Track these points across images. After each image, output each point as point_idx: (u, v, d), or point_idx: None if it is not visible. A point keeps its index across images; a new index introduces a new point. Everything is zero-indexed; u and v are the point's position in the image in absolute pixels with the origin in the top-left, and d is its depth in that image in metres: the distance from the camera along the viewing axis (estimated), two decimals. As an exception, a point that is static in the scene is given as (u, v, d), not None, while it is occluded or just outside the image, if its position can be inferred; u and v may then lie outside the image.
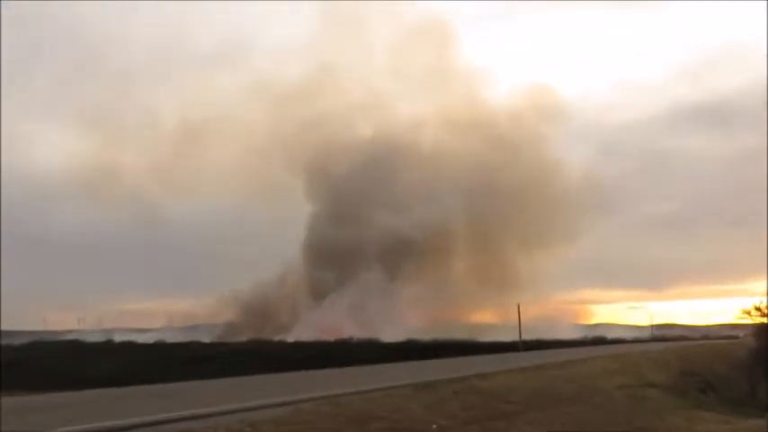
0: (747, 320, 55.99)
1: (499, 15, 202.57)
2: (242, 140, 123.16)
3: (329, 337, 70.08)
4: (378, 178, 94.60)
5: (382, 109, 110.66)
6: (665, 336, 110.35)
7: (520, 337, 59.92)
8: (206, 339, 78.17)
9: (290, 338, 73.42)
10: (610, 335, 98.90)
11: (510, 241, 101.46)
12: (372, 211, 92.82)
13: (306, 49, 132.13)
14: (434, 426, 10.90)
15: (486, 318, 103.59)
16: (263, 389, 15.66)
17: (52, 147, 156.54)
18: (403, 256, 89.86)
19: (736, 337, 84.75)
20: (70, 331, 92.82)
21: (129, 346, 64.43)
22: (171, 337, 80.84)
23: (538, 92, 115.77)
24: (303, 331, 76.04)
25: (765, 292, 52.62)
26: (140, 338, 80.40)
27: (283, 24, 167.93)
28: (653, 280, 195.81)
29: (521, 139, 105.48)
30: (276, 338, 74.61)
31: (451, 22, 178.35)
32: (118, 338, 78.98)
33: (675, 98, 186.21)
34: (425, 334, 74.85)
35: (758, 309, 53.00)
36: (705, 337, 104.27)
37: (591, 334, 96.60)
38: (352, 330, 74.20)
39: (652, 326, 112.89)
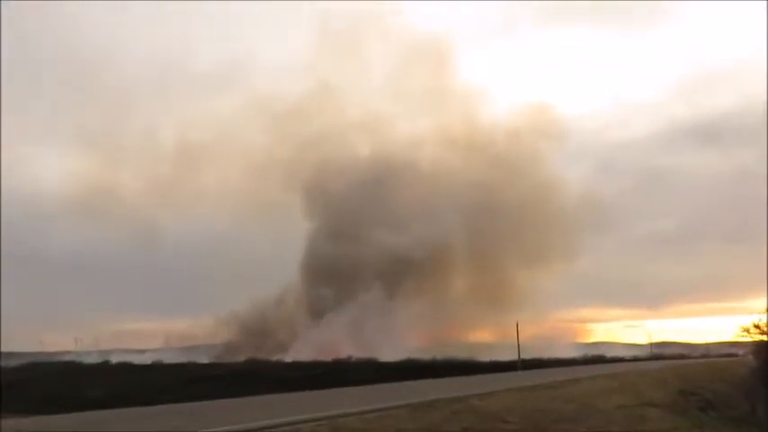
0: (746, 338, 55.92)
1: (497, 34, 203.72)
2: (240, 160, 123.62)
3: (327, 356, 69.78)
4: (376, 197, 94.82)
5: (380, 128, 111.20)
6: (663, 354, 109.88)
7: (519, 355, 59.64)
8: (204, 360, 77.85)
9: (288, 358, 73.11)
10: (608, 353, 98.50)
11: (508, 259, 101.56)
12: (371, 229, 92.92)
13: (304, 68, 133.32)
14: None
15: (485, 337, 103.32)
16: (261, 409, 15.56)
17: (50, 167, 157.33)
18: (402, 274, 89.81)
19: (736, 355, 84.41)
20: (67, 352, 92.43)
21: (126, 367, 64.10)
22: (169, 358, 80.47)
23: (536, 110, 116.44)
24: (301, 351, 75.74)
25: (765, 310, 52.59)
26: (138, 359, 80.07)
27: (282, 44, 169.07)
28: (651, 298, 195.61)
29: (519, 157, 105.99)
30: (274, 358, 74.31)
31: (449, 41, 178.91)
32: (115, 359, 78.63)
33: (672, 116, 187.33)
34: (424, 353, 74.57)
35: (757, 326, 52.82)
36: (704, 355, 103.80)
37: (590, 352, 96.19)
38: (350, 350, 73.91)
39: (651, 344, 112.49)
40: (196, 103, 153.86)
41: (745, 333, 54.21)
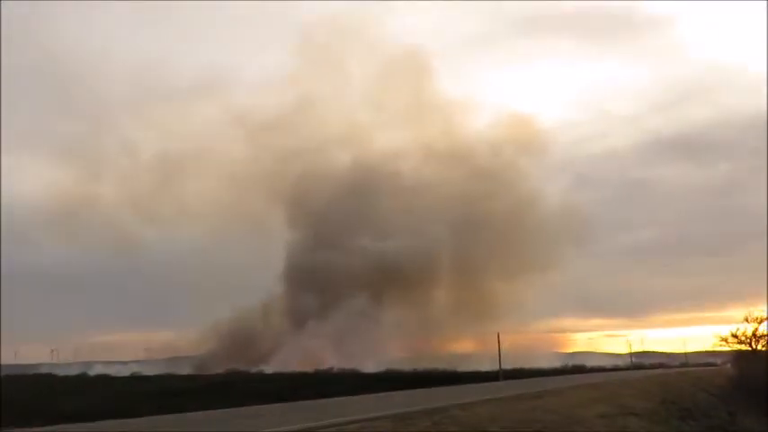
0: (725, 347, 56.36)
1: (478, 46, 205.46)
2: (221, 172, 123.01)
3: (309, 367, 69.29)
4: (358, 208, 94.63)
5: (361, 140, 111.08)
6: (643, 364, 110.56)
7: (500, 366, 59.52)
8: (184, 371, 77.01)
9: (269, 369, 72.51)
10: (589, 363, 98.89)
11: (490, 270, 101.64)
12: (352, 240, 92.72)
13: (285, 80, 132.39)
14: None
15: (466, 347, 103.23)
16: (240, 422, 15.26)
17: (28, 178, 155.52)
18: (383, 285, 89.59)
19: (715, 365, 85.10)
20: (43, 364, 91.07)
21: (105, 380, 63.13)
22: (149, 370, 79.61)
23: (517, 123, 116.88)
24: (282, 362, 75.16)
25: (743, 319, 53.04)
26: (117, 371, 79.07)
27: (262, 56, 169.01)
28: (631, 308, 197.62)
29: (500, 169, 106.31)
30: (254, 369, 73.70)
31: (430, 53, 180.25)
32: (93, 372, 77.55)
33: (651, 129, 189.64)
34: (405, 364, 74.35)
35: (735, 335, 53.39)
36: (684, 365, 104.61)
37: (570, 362, 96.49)
38: (332, 361, 73.52)
39: (631, 354, 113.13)
40: (176, 115, 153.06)
41: (724, 342, 54.77)
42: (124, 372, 77.71)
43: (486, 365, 68.40)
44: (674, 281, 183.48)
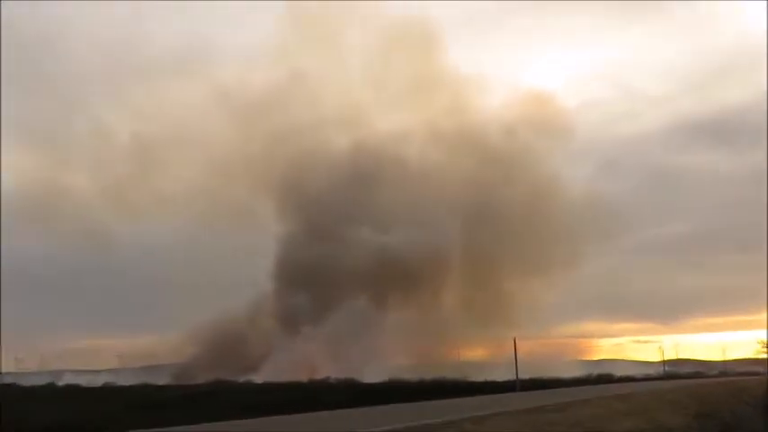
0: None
1: (491, 17, 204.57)
2: (202, 157, 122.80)
3: (303, 377, 69.50)
4: (356, 197, 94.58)
5: (360, 121, 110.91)
6: (678, 373, 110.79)
7: (516, 375, 59.75)
8: (162, 381, 77.26)
9: (259, 379, 72.73)
10: (616, 372, 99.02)
11: (504, 268, 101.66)
12: (351, 233, 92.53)
13: (273, 54, 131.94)
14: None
15: (478, 354, 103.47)
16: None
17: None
18: (385, 284, 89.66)
19: (758, 374, 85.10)
20: (7, 374, 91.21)
21: (74, 390, 63.37)
22: (124, 380, 79.83)
23: (534, 102, 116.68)
24: (273, 370, 75.36)
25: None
26: (88, 381, 79.29)
27: (248, 27, 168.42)
28: (663, 311, 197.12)
29: (516, 153, 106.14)
30: (242, 379, 73.87)
31: (437, 24, 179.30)
32: (62, 381, 77.80)
33: (684, 110, 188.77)
34: (411, 373, 74.37)
35: (780, 341, 53.38)
36: (722, 374, 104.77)
37: (595, 371, 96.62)
38: (328, 369, 73.65)
39: (664, 362, 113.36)
40: (151, 94, 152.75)
41: (766, 349, 54.78)
42: (96, 382, 77.93)
43: (501, 374, 68.57)
44: (711, 280, 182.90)
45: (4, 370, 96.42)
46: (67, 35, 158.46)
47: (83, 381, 79.20)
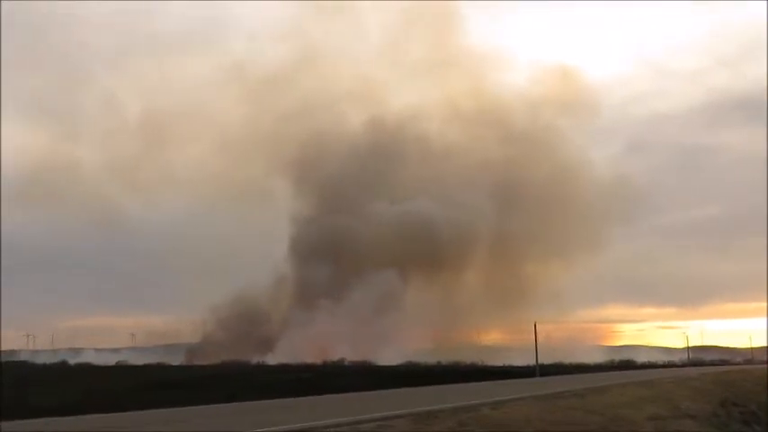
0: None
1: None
2: (215, 133, 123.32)
3: (317, 358, 70.00)
4: (373, 175, 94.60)
5: (377, 98, 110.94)
6: (702, 359, 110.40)
7: (536, 360, 59.77)
8: (175, 361, 78.14)
9: (273, 360, 73.32)
10: (639, 358, 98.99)
11: (525, 250, 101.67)
12: (368, 210, 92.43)
13: (288, 29, 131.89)
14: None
15: (498, 338, 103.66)
16: (238, 419, 15.47)
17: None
18: (405, 262, 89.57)
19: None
20: (18, 351, 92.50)
21: (86, 369, 64.25)
22: (136, 359, 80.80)
23: (558, 78, 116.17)
24: (288, 351, 75.94)
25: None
26: (100, 360, 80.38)
27: (263, 2, 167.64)
28: (688, 296, 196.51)
29: (539, 132, 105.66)
30: (256, 360, 74.55)
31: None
32: (73, 360, 78.90)
33: (715, 86, 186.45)
34: (428, 356, 74.74)
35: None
36: (749, 361, 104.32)
37: (617, 357, 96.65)
38: (343, 351, 74.12)
39: (688, 348, 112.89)
40: (162, 69, 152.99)
41: (796, 336, 54.42)
42: (106, 360, 78.93)
43: (521, 359, 68.74)
44: (738, 265, 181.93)
45: (13, 347, 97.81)
46: (77, 9, 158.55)
47: (94, 359, 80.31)
